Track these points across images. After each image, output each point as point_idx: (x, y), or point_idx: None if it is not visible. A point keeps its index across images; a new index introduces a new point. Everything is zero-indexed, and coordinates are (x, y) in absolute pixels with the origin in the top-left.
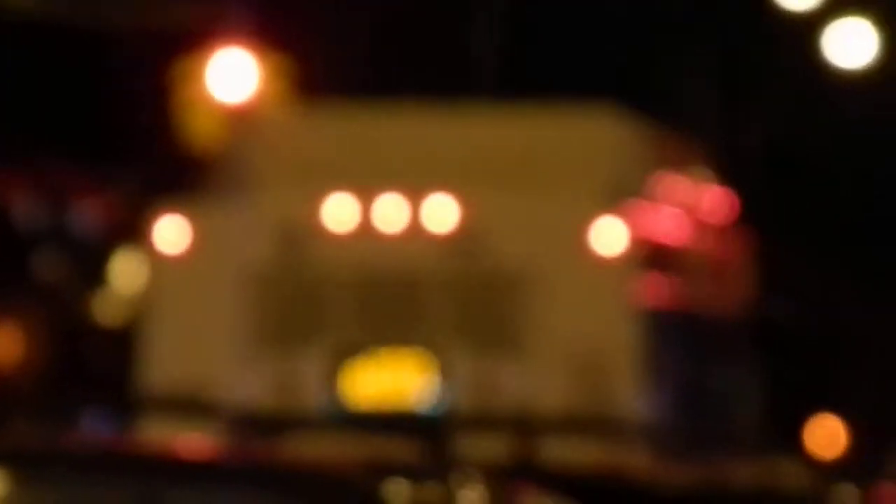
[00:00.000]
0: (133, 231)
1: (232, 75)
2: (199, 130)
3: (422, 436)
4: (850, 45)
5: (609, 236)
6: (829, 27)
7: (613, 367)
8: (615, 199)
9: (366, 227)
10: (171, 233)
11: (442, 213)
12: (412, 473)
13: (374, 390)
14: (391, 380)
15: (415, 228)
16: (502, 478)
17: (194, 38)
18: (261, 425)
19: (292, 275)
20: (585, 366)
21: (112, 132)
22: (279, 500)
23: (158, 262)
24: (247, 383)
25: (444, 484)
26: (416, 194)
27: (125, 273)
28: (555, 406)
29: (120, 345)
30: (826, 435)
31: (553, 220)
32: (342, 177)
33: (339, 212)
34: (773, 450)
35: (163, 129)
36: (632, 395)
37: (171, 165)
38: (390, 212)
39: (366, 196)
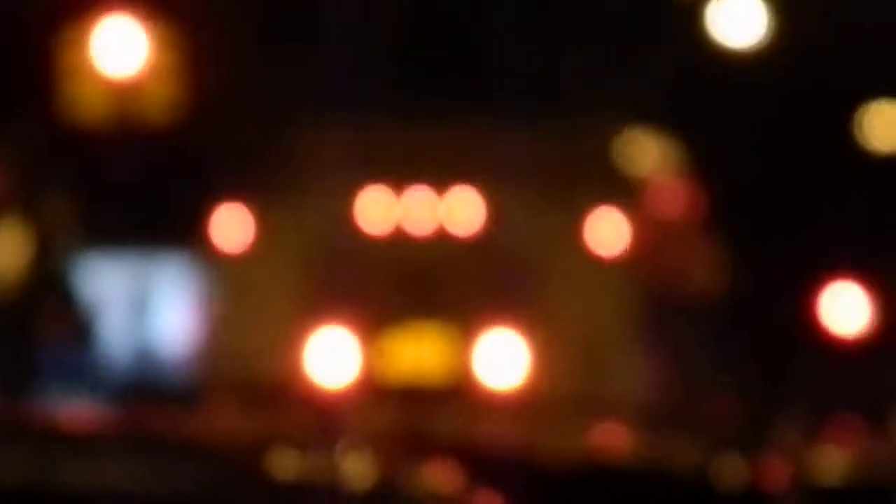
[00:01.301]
0: (14, 201)
1: (119, 45)
2: (84, 101)
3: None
4: (737, 22)
5: (608, 232)
6: (716, 3)
7: (611, 348)
8: (612, 199)
9: (399, 218)
10: (231, 229)
11: (466, 206)
12: (299, 444)
13: (403, 360)
14: (418, 350)
15: (442, 220)
16: (390, 448)
17: (82, 4)
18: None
19: (336, 261)
20: (586, 347)
21: None
22: (164, 471)
23: (220, 255)
24: (300, 358)
25: (330, 454)
26: (442, 189)
27: (6, 246)
28: (557, 381)
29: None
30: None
31: (558, 216)
32: (378, 174)
33: (375, 205)
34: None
35: (47, 98)
36: (627, 374)
37: (56, 136)
38: (420, 204)
39: (398, 190)
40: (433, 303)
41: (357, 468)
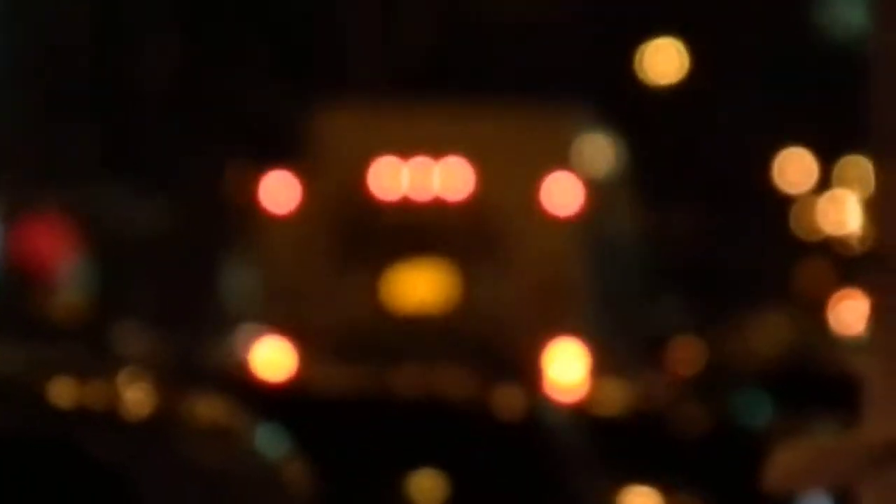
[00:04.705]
0: None
1: None
2: None
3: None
4: None
5: (561, 192)
6: None
7: (565, 289)
8: (563, 166)
9: (405, 181)
10: (279, 193)
11: (454, 172)
12: (78, 372)
13: (409, 289)
14: (420, 281)
15: (438, 181)
16: (169, 377)
17: None
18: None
19: (356, 219)
20: (544, 286)
21: None
22: None
23: (268, 216)
24: (331, 297)
25: (110, 382)
26: (439, 157)
27: None
28: (520, 313)
29: None
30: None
31: (523, 178)
32: (390, 147)
33: (386, 171)
34: None
35: None
36: (578, 311)
37: None
38: (422, 170)
39: (405, 159)
40: (432, 249)
41: (136, 397)
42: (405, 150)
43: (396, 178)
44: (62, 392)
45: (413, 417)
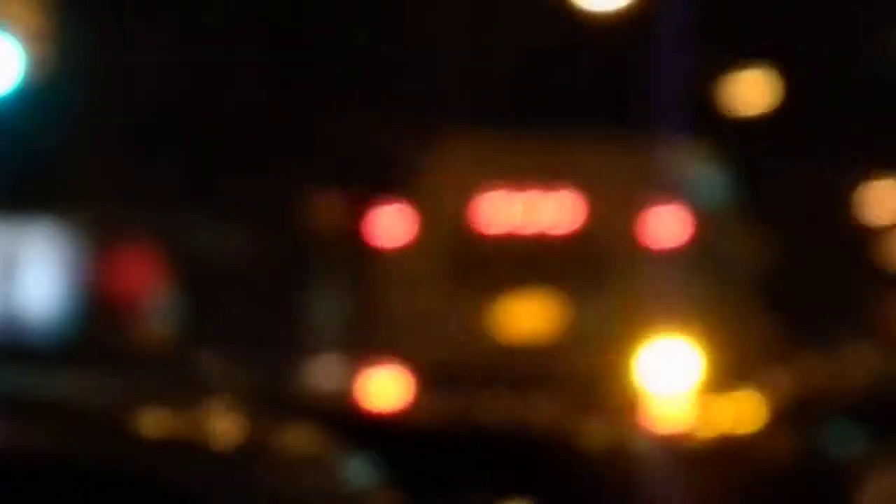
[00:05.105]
0: None
1: None
2: None
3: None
4: None
5: (667, 225)
6: None
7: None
8: (670, 198)
9: (514, 214)
10: (389, 225)
11: (563, 204)
12: (166, 403)
13: (516, 321)
14: (528, 313)
15: (546, 214)
16: (258, 407)
17: None
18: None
19: (465, 251)
20: (639, 316)
21: None
22: (26, 429)
23: (377, 248)
24: (439, 329)
25: (199, 413)
26: (547, 189)
27: None
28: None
29: None
30: None
31: (630, 210)
32: (499, 178)
33: (494, 204)
34: None
35: None
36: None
37: None
38: (530, 202)
39: (512, 191)
40: (540, 281)
41: (225, 427)
42: (513, 182)
43: (504, 210)
44: (150, 423)
45: (503, 447)
